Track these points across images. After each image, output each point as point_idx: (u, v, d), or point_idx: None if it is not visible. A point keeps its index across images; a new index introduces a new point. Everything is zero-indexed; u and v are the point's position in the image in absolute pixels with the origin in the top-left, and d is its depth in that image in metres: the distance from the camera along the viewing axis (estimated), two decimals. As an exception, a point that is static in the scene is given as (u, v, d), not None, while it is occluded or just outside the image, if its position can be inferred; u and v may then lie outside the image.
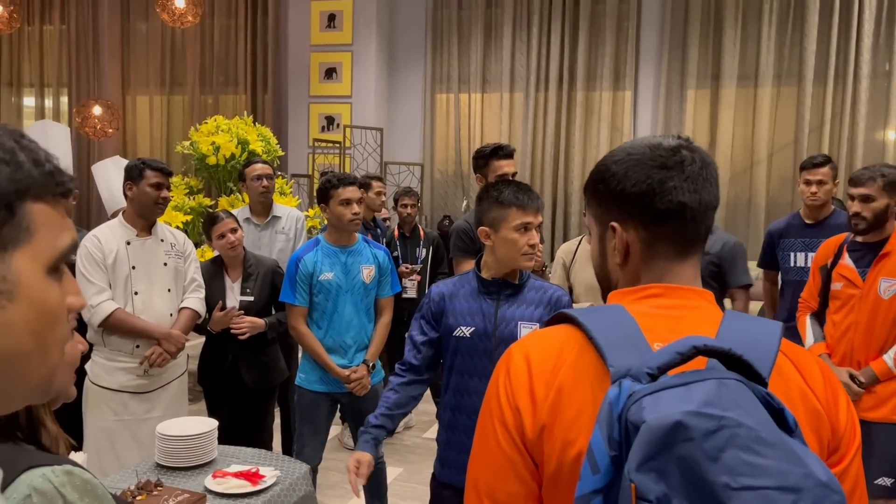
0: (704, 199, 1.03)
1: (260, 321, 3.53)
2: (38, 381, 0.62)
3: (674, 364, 0.85)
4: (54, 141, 5.87)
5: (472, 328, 2.28)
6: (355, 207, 3.20)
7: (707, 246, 1.07)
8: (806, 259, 3.82)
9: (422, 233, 5.33)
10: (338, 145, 7.57)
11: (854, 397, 3.01)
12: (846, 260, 3.10)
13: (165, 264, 3.31)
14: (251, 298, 3.58)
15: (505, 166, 3.33)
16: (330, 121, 8.07)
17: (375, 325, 3.38)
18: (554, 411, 0.96)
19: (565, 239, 7.83)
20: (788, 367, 0.96)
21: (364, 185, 5.03)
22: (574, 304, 3.53)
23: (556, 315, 1.05)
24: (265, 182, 4.31)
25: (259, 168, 4.34)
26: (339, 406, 3.41)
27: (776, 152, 7.39)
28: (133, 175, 3.23)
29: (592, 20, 7.72)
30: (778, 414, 0.82)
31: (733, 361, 0.85)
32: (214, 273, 3.63)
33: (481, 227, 2.29)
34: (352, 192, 3.20)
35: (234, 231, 3.57)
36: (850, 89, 7.03)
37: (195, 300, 3.41)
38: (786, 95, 7.35)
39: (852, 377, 3.03)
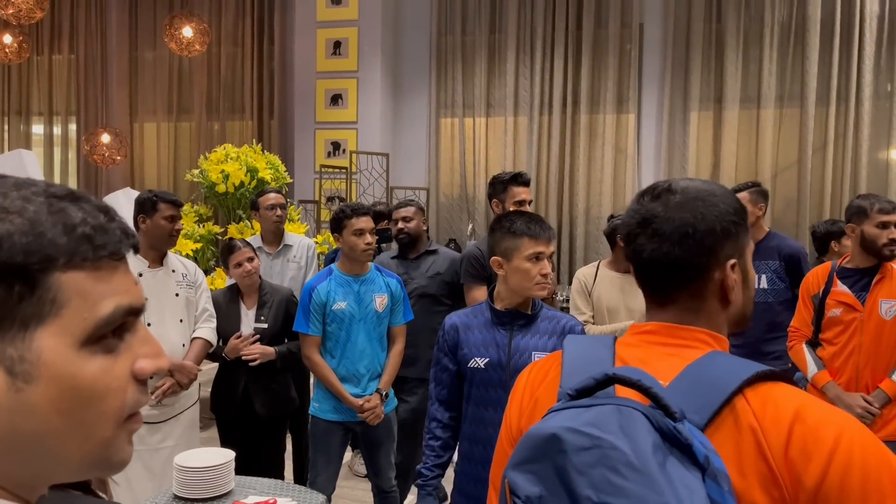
0: (674, 253, 1.06)
1: (270, 349, 3.55)
2: (84, 457, 0.58)
3: (588, 388, 0.93)
4: (32, 169, 5.75)
5: (487, 359, 2.29)
6: (368, 237, 3.23)
7: None
8: None
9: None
10: (344, 171, 7.63)
11: (869, 421, 3.05)
12: (839, 286, 3.20)
13: (177, 295, 3.34)
14: (265, 325, 3.61)
15: (522, 193, 3.40)
16: (336, 146, 8.13)
17: (388, 354, 3.40)
18: (530, 419, 1.08)
19: (571, 261, 7.85)
20: (746, 412, 0.93)
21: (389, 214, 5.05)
22: (595, 326, 3.55)
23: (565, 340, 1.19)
24: (279, 211, 4.35)
25: (273, 197, 4.38)
26: (351, 434, 3.42)
27: (780, 173, 7.43)
28: (146, 208, 3.28)
29: (595, 44, 7.79)
30: (686, 449, 0.86)
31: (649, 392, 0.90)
32: (230, 300, 3.67)
33: (494, 258, 2.32)
34: (365, 222, 3.24)
35: (250, 260, 3.63)
36: (853, 110, 7.07)
37: (207, 330, 3.44)
38: (788, 117, 7.39)
39: (868, 403, 3.07)
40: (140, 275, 3.25)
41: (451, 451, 2.42)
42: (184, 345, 3.34)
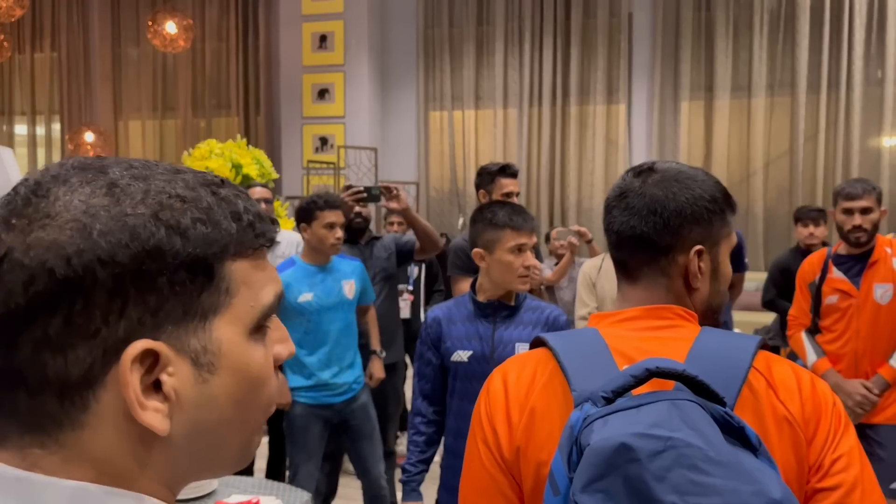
0: (639, 228, 1.05)
1: None
2: (239, 448, 0.59)
3: (628, 387, 0.86)
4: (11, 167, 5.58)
5: (470, 352, 2.24)
6: (339, 232, 3.17)
7: None
8: None
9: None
10: (332, 166, 7.55)
11: (869, 407, 3.03)
12: (835, 273, 3.16)
13: None
14: None
15: (509, 185, 3.36)
16: (324, 141, 8.05)
17: (362, 323, 3.48)
18: (527, 433, 1.00)
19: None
20: (760, 382, 0.96)
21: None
22: None
23: (535, 339, 1.09)
24: (263, 206, 4.29)
25: (258, 192, 4.33)
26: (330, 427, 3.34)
27: (772, 162, 7.39)
28: None
29: (584, 35, 7.73)
30: (738, 432, 0.83)
31: (691, 381, 0.86)
32: None
33: (476, 250, 2.27)
34: (336, 215, 3.17)
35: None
36: (844, 97, 7.04)
37: None
38: (780, 105, 7.35)
39: (867, 389, 3.04)
40: None
41: (436, 445, 2.37)
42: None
